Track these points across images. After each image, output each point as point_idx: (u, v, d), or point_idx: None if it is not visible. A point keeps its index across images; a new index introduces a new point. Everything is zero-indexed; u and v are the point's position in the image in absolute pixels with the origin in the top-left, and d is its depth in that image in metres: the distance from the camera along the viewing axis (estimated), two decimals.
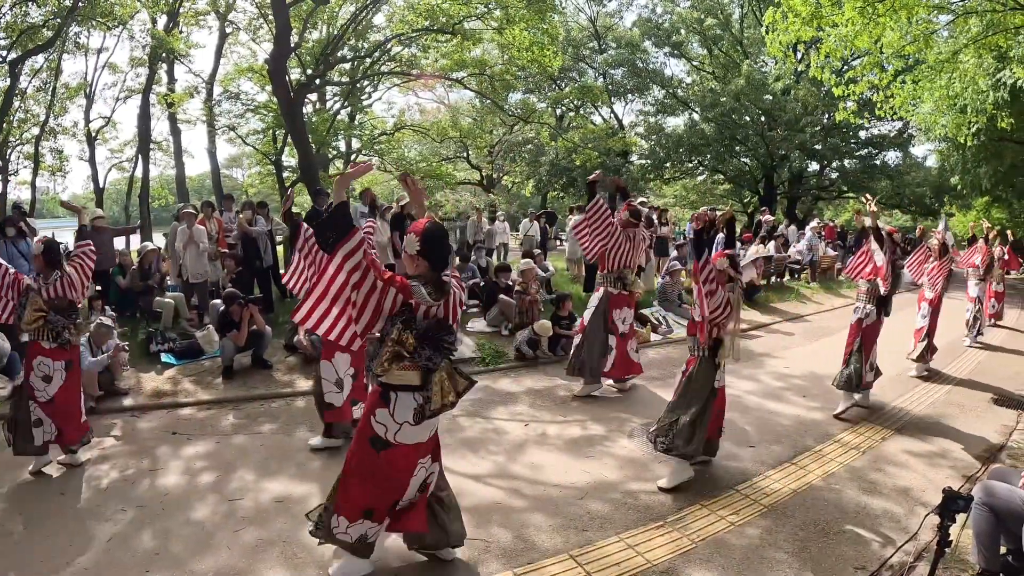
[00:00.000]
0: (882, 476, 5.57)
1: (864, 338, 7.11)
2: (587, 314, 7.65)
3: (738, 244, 14.81)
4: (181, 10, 19.51)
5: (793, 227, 19.37)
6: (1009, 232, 12.72)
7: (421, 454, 3.74)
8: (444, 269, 3.61)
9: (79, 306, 5.49)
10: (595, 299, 7.64)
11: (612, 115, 32.70)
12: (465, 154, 32.00)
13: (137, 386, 7.56)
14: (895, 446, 6.32)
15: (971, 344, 10.89)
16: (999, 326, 12.72)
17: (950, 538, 3.19)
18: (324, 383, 5.70)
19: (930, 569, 3.30)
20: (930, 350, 8.93)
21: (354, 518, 3.68)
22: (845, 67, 15.84)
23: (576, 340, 7.75)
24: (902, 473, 5.64)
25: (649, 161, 30.03)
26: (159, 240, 15.00)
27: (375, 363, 3.55)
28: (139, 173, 23.17)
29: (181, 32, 20.19)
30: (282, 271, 11.83)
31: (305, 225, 5.72)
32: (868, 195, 7.60)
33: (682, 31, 29.87)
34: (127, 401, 7.19)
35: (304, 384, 7.77)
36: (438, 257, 3.59)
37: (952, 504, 2.97)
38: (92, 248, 5.48)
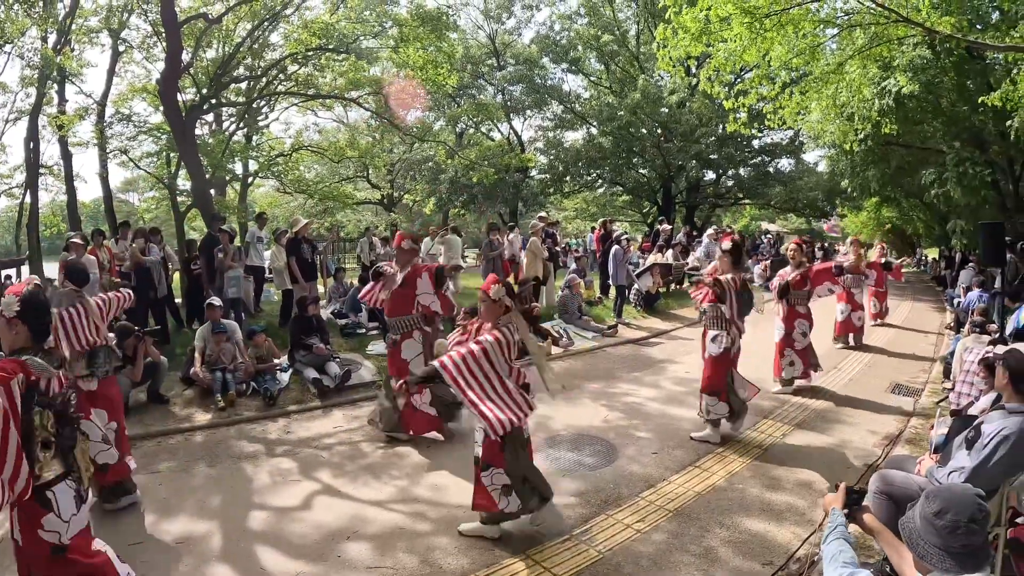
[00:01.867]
0: (784, 471, 5.74)
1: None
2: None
3: (637, 253, 15.07)
4: (73, 27, 18.52)
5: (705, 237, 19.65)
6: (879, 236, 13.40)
7: (92, 535, 3.45)
8: (44, 340, 3.33)
9: None
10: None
11: (511, 131, 33.01)
12: (365, 173, 31.58)
13: None
14: (795, 441, 6.54)
15: (843, 347, 11.08)
16: (886, 324, 13.37)
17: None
18: (92, 444, 4.59)
19: None
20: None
21: None
22: (736, 79, 16.41)
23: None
24: (803, 467, 5.82)
25: (548, 175, 30.53)
26: (51, 271, 14.19)
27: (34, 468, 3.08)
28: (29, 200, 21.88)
29: (73, 51, 19.18)
30: (177, 300, 11.40)
31: None
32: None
33: (579, 47, 30.46)
34: None
35: (202, 418, 7.43)
36: (39, 325, 3.31)
37: (848, 497, 3.02)
38: None
